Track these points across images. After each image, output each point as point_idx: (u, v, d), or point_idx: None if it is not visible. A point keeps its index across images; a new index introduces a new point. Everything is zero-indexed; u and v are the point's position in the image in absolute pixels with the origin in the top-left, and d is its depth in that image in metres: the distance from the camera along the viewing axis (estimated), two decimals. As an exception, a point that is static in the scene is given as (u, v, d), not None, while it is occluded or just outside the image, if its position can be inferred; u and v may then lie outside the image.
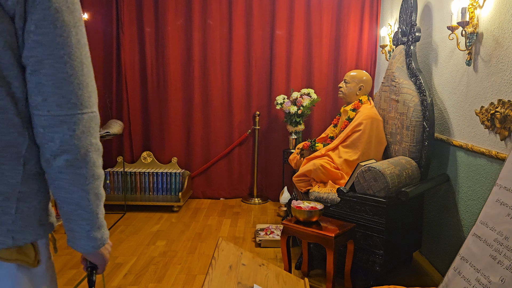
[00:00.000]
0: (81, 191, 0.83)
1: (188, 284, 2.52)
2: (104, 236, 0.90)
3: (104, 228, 0.90)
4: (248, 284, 1.48)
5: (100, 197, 0.87)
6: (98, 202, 0.86)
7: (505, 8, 1.97)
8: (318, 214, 2.25)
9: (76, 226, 0.86)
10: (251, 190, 4.45)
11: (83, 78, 0.82)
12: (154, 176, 4.17)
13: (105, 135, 3.55)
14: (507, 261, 1.47)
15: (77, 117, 0.81)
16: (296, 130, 4.08)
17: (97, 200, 0.86)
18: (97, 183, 0.85)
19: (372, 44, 4.24)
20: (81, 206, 0.84)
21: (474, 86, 2.26)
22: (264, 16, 4.23)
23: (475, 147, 2.21)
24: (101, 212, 0.88)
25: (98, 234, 0.88)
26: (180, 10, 4.20)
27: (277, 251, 3.02)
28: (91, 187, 0.84)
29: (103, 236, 0.90)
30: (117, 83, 4.26)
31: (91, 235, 0.87)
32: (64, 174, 0.81)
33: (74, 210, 0.84)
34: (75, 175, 0.82)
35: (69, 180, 0.82)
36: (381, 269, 2.24)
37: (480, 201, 2.17)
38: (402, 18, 2.93)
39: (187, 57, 4.27)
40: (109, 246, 0.96)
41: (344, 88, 3.01)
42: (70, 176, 0.82)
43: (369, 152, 2.74)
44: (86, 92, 0.82)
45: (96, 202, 0.86)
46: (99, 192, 0.86)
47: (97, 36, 4.20)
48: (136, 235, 3.34)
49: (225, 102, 4.34)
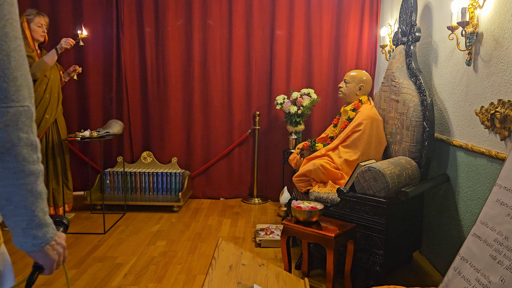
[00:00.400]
0: (10, 186, 0.81)
1: (188, 284, 2.52)
2: (47, 235, 0.87)
3: (47, 227, 0.88)
4: (248, 284, 1.48)
5: (36, 194, 0.84)
6: (34, 199, 0.84)
7: (505, 8, 1.97)
8: (318, 214, 2.25)
9: (11, 222, 0.84)
10: (251, 190, 4.45)
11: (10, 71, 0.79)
12: (154, 176, 4.17)
13: (105, 135, 3.55)
14: (507, 261, 1.47)
15: (1, 110, 0.78)
16: (296, 130, 4.08)
17: (32, 196, 0.83)
18: (30, 179, 0.83)
19: (372, 44, 4.24)
20: (12, 202, 0.82)
21: (474, 86, 2.26)
22: (264, 16, 4.23)
23: (475, 147, 2.21)
24: (39, 210, 0.85)
25: (38, 233, 0.86)
26: (180, 10, 4.20)
27: (277, 251, 3.02)
28: (22, 182, 0.82)
29: (46, 235, 0.87)
30: (117, 83, 4.26)
31: (29, 233, 0.85)
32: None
33: (6, 205, 0.83)
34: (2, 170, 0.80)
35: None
36: (381, 269, 2.24)
37: (480, 201, 2.17)
38: (402, 18, 2.93)
39: (187, 57, 4.27)
40: (61, 247, 0.93)
41: (344, 88, 3.01)
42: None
43: (369, 152, 2.74)
44: (13, 86, 0.79)
45: (31, 199, 0.83)
46: (34, 188, 0.84)
47: (97, 36, 4.20)
48: (136, 235, 3.34)
49: (225, 102, 4.34)
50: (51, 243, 0.89)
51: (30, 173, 0.83)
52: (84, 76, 4.19)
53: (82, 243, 3.14)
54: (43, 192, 0.86)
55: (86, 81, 4.24)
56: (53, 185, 3.52)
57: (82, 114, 4.33)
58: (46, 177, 3.46)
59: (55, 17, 4.08)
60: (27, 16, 3.29)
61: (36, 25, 3.32)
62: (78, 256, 2.91)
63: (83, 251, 3.00)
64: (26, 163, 0.82)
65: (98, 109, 4.32)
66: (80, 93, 4.29)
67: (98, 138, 3.45)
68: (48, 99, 3.40)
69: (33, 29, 3.32)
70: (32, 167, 0.83)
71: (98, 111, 4.33)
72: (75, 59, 4.21)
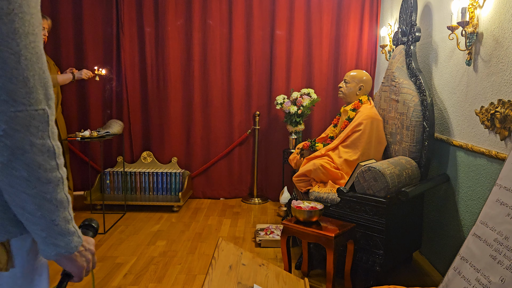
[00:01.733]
0: (24, 194, 0.75)
1: (188, 284, 2.52)
2: (71, 244, 0.82)
3: (71, 235, 0.82)
4: (248, 284, 1.48)
5: (56, 203, 0.78)
6: (54, 208, 0.78)
7: (505, 8, 1.97)
8: (318, 214, 2.25)
9: (31, 230, 0.80)
10: (251, 190, 4.45)
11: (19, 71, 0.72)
12: (154, 176, 4.17)
13: (105, 135, 3.55)
14: (507, 261, 1.47)
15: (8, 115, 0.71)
16: (296, 130, 4.08)
17: (51, 205, 0.78)
18: (47, 188, 0.77)
19: (372, 44, 4.24)
20: (27, 211, 0.77)
21: (474, 86, 2.26)
22: (264, 16, 4.22)
23: (475, 147, 2.21)
24: (60, 219, 0.80)
25: (60, 242, 0.80)
26: (180, 10, 4.20)
27: (277, 251, 3.02)
28: (37, 191, 0.76)
29: (69, 244, 0.82)
30: (117, 83, 4.26)
31: (49, 242, 0.80)
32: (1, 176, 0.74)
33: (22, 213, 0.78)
34: (13, 178, 0.74)
35: (8, 183, 0.75)
36: (381, 269, 2.24)
37: (480, 201, 2.17)
38: (402, 18, 2.93)
39: (187, 57, 4.27)
40: (89, 253, 0.88)
41: (344, 88, 3.01)
42: (8, 178, 0.74)
43: (369, 152, 2.74)
44: (24, 88, 0.73)
45: (48, 207, 0.78)
46: (53, 197, 0.78)
47: (97, 36, 4.20)
48: (136, 235, 3.34)
49: (225, 102, 4.34)
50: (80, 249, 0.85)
51: (47, 181, 0.77)
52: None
53: (82, 243, 3.14)
54: (64, 200, 0.80)
55: (86, 81, 4.23)
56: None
57: (82, 114, 4.33)
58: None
59: (55, 17, 4.07)
60: None
61: None
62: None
63: (83, 251, 2.99)
64: (42, 171, 0.76)
65: (98, 109, 4.32)
66: (80, 93, 4.29)
67: (98, 138, 3.45)
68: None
69: None
70: (50, 174, 0.77)
71: (98, 111, 4.33)
72: (75, 58, 4.21)
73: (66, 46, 4.17)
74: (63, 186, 0.81)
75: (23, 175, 0.74)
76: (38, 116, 0.74)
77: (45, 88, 0.77)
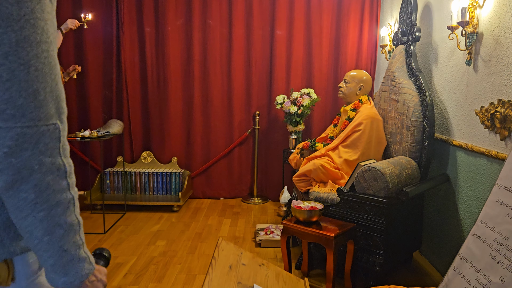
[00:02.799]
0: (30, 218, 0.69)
1: (188, 284, 2.52)
2: (81, 272, 0.75)
3: (81, 262, 0.75)
4: (248, 284, 1.48)
5: (66, 227, 0.72)
6: (63, 233, 0.72)
7: (505, 8, 1.97)
8: (318, 214, 2.25)
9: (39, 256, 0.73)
10: (251, 190, 4.45)
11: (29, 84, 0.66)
12: (154, 176, 4.17)
13: (105, 135, 3.55)
14: (507, 261, 1.47)
15: (15, 130, 0.66)
16: (296, 130, 4.08)
17: (60, 229, 0.72)
18: (56, 211, 0.71)
19: (372, 44, 4.24)
20: (34, 236, 0.70)
21: (474, 86, 2.26)
22: (264, 16, 4.23)
23: (475, 147, 2.21)
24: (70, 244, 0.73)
25: (69, 270, 0.74)
26: (180, 10, 4.20)
27: (277, 251, 3.02)
28: (45, 214, 0.69)
29: (80, 272, 0.75)
30: (117, 83, 4.26)
31: (59, 270, 0.73)
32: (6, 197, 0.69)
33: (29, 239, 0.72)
34: (19, 200, 0.68)
35: (14, 205, 0.69)
36: (381, 269, 2.24)
37: (480, 201, 2.17)
38: (402, 18, 2.93)
39: (187, 57, 4.27)
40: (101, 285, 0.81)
41: (344, 88, 3.01)
42: (14, 200, 0.68)
43: (369, 152, 2.74)
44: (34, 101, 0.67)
45: (58, 232, 0.71)
46: (62, 220, 0.72)
47: (97, 36, 4.20)
48: (136, 235, 3.34)
49: (225, 102, 4.34)
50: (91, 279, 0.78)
51: (56, 203, 0.71)
52: (84, 76, 4.19)
53: (82, 243, 3.14)
54: (75, 223, 0.74)
55: (86, 81, 4.24)
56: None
57: (82, 114, 4.33)
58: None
59: (55, 17, 4.07)
60: None
61: None
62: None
63: (83, 251, 3.00)
64: (51, 192, 0.70)
65: (98, 109, 4.32)
66: (80, 93, 4.29)
67: (98, 138, 3.45)
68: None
69: None
70: (60, 196, 0.71)
71: (98, 111, 4.33)
72: (75, 58, 4.21)
73: (66, 46, 4.16)
74: (74, 208, 0.75)
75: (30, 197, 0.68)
76: (48, 132, 0.69)
77: (57, 102, 0.71)
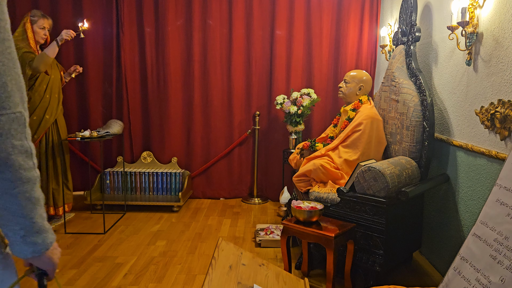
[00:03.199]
0: (8, 195, 0.79)
1: (188, 284, 2.52)
2: (46, 241, 0.86)
3: (46, 232, 0.86)
4: (248, 284, 1.48)
5: (34, 200, 0.83)
6: (32, 206, 0.83)
7: (505, 8, 1.97)
8: (318, 214, 2.25)
9: (9, 231, 0.83)
10: (251, 190, 4.45)
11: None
12: (154, 176, 4.17)
13: (105, 135, 3.55)
14: (507, 261, 1.47)
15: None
16: (296, 130, 4.08)
17: (30, 203, 0.82)
18: (27, 187, 0.81)
19: (372, 44, 4.24)
20: (10, 211, 0.81)
21: (474, 86, 2.26)
22: (264, 16, 4.23)
23: (475, 147, 2.21)
24: (37, 216, 0.84)
25: (37, 239, 0.85)
26: (180, 10, 4.20)
27: (277, 251, 3.02)
28: (19, 191, 0.80)
29: (45, 240, 0.86)
30: (117, 83, 4.27)
31: (28, 240, 0.84)
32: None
33: (4, 215, 0.81)
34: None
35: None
36: (381, 269, 2.24)
37: (480, 201, 2.17)
38: (402, 18, 2.93)
39: (187, 57, 4.27)
40: (58, 251, 0.92)
41: (344, 88, 3.01)
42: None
43: (369, 152, 2.74)
44: (3, 93, 0.76)
45: (28, 206, 0.82)
46: (32, 195, 0.82)
47: (97, 36, 4.20)
48: (136, 235, 3.34)
49: (225, 102, 4.34)
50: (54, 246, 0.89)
51: (27, 180, 0.81)
52: (84, 76, 4.19)
53: (82, 243, 3.14)
54: (40, 197, 0.85)
55: (86, 81, 4.24)
56: (53, 185, 3.51)
57: (82, 114, 4.33)
58: (46, 177, 3.46)
59: (55, 17, 4.07)
60: (31, 17, 3.29)
61: (39, 27, 3.32)
62: (78, 256, 2.91)
63: (83, 251, 3.00)
64: (23, 171, 0.80)
65: (98, 109, 4.32)
66: (80, 93, 4.29)
67: (98, 138, 3.45)
68: (49, 99, 3.40)
69: (36, 31, 3.32)
70: (29, 174, 0.81)
71: (98, 111, 4.33)
72: (75, 59, 4.21)
73: (67, 46, 4.16)
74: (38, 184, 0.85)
75: (8, 177, 0.78)
76: (17, 119, 0.79)
77: (21, 92, 0.80)
